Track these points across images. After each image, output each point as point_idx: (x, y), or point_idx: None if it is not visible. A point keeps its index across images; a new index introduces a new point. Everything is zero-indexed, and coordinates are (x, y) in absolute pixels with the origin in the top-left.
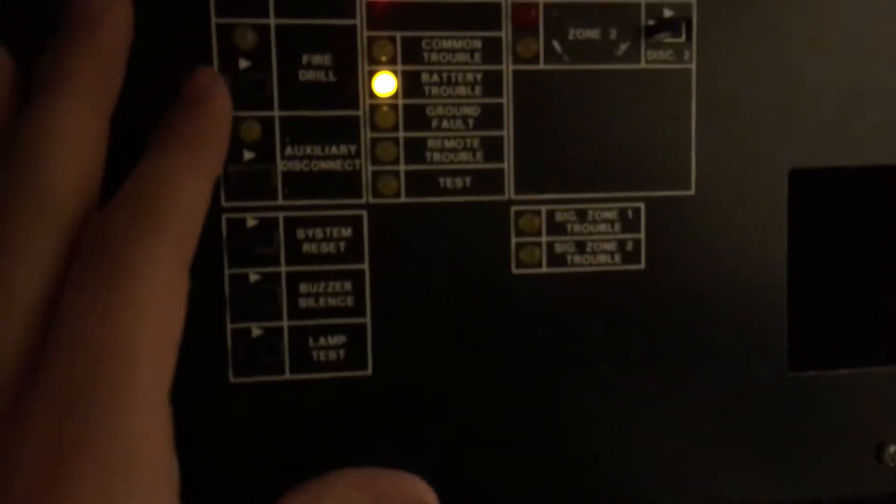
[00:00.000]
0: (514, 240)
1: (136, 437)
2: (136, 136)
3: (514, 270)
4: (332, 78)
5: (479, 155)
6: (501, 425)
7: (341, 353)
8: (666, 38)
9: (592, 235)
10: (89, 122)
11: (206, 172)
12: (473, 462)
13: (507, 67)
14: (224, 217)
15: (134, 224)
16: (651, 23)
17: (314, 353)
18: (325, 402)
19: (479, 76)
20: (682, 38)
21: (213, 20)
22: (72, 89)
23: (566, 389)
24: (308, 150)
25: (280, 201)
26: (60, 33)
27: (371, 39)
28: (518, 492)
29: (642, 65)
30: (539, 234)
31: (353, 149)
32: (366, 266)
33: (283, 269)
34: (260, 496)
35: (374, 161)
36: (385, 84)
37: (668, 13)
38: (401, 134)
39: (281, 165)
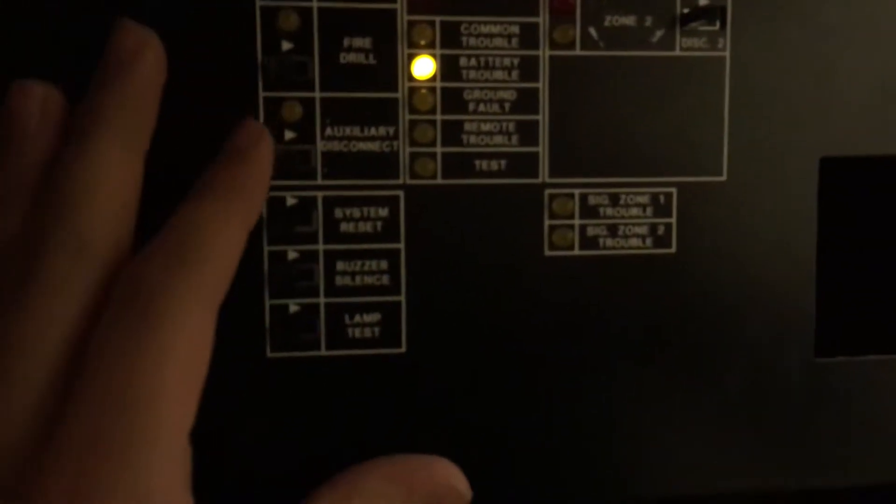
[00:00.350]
0: (547, 222)
1: (155, 479)
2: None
3: (547, 252)
4: (371, 61)
5: (514, 138)
6: (530, 405)
7: (376, 330)
8: (700, 26)
9: (624, 219)
10: (123, 163)
11: (242, 223)
12: (502, 440)
13: (544, 53)
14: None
15: (166, 271)
16: (686, 11)
17: (349, 330)
18: (359, 377)
19: (516, 61)
20: (717, 27)
21: (258, 3)
22: (106, 132)
23: (595, 370)
24: (347, 131)
25: (319, 181)
26: (96, 77)
27: (411, 23)
28: (545, 471)
29: (677, 52)
30: (572, 217)
31: (391, 130)
32: (402, 245)
33: (321, 247)
34: (292, 469)
35: (412, 143)
36: (424, 67)
37: (703, 1)
38: (438, 117)
39: (321, 146)
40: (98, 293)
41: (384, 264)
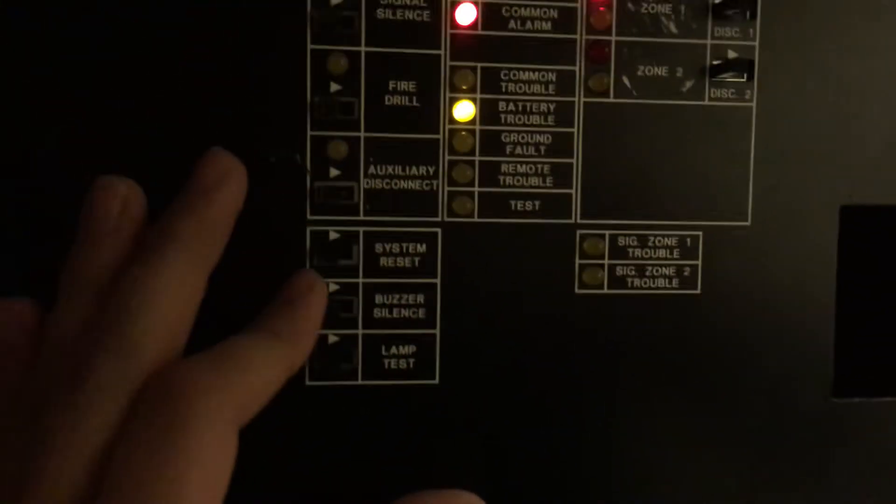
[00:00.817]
0: (578, 262)
1: None
2: None
3: (577, 290)
4: (415, 103)
5: (549, 180)
6: (559, 435)
7: (411, 361)
8: (729, 77)
9: (652, 260)
10: (188, 283)
11: (287, 367)
12: (532, 470)
13: (579, 99)
14: (308, 230)
15: (201, 378)
16: (716, 62)
17: (385, 361)
18: (393, 407)
19: (552, 106)
20: (744, 78)
21: (309, 46)
22: (178, 253)
23: (621, 404)
24: (390, 169)
25: (361, 216)
26: (177, 199)
27: (453, 69)
28: (574, 500)
29: (706, 101)
30: (602, 257)
31: (431, 170)
32: (438, 280)
33: (361, 280)
34: (328, 493)
35: (451, 182)
36: (464, 111)
37: (731, 54)
38: (477, 158)
39: (364, 183)
40: (135, 400)
41: (421, 298)
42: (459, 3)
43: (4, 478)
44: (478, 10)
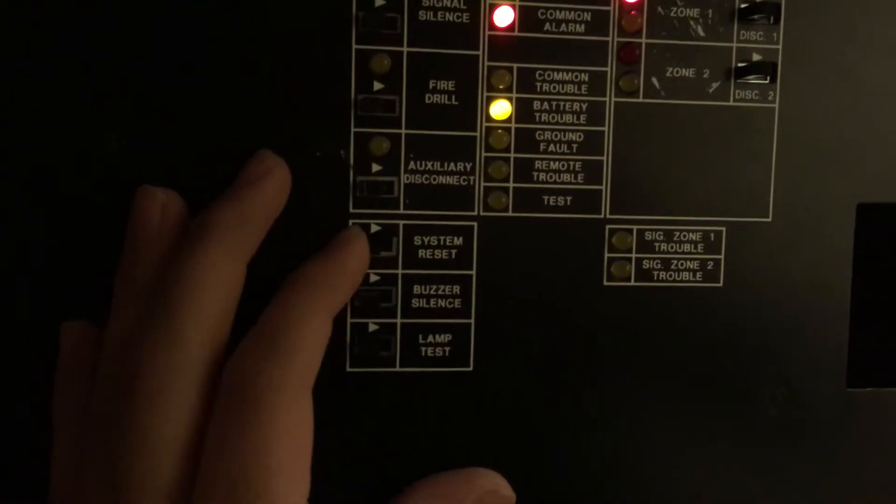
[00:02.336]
0: (606, 255)
1: None
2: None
3: (606, 283)
4: (454, 102)
5: (580, 177)
6: (585, 422)
7: (447, 350)
8: (753, 79)
9: (677, 254)
10: (230, 272)
11: (329, 313)
12: (559, 455)
13: (610, 99)
14: (351, 223)
15: (263, 363)
16: (741, 65)
17: (422, 349)
18: (430, 393)
19: (584, 106)
20: (768, 80)
21: (354, 46)
22: (219, 243)
23: (645, 391)
24: (429, 165)
25: (401, 210)
26: (223, 194)
27: (491, 69)
28: (595, 487)
29: (731, 102)
30: (630, 251)
31: (468, 166)
32: (473, 272)
33: (400, 271)
34: (367, 475)
35: (487, 178)
36: (501, 109)
37: (756, 57)
38: (512, 155)
39: (404, 178)
40: (201, 388)
41: (457, 289)
42: (498, 5)
43: (87, 487)
44: (515, 13)
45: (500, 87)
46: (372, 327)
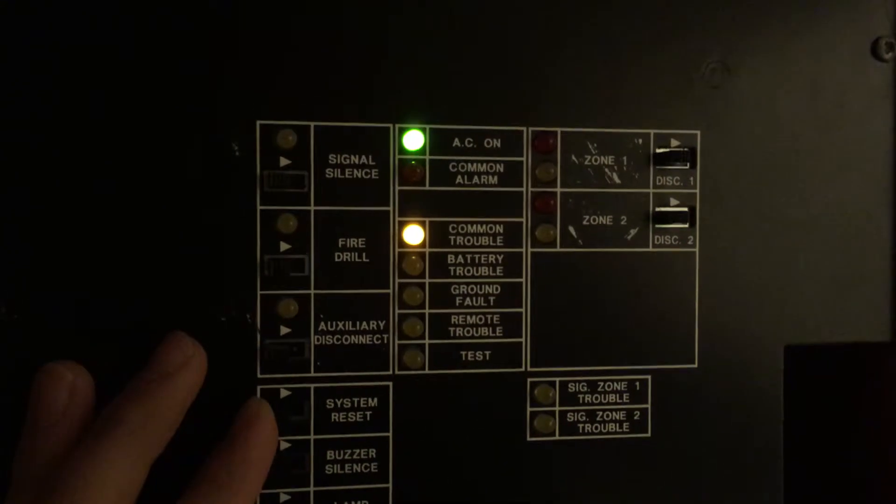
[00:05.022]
0: (529, 409)
1: None
2: None
3: (529, 438)
4: (364, 259)
5: (498, 330)
6: None
7: None
8: (671, 224)
9: (603, 405)
10: (129, 472)
11: None
12: None
13: (527, 250)
14: (259, 388)
15: None
16: (659, 210)
17: None
18: None
19: (500, 258)
20: (687, 225)
21: (258, 207)
22: (123, 438)
23: None
24: (340, 325)
25: (312, 373)
26: (134, 382)
27: (402, 224)
28: None
29: (650, 248)
30: (553, 404)
31: (382, 324)
32: (390, 434)
33: (312, 437)
34: None
35: (401, 336)
36: (413, 265)
37: (673, 202)
38: (427, 311)
39: (314, 339)
40: None
41: (373, 452)
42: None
43: None
44: (426, 169)
45: (413, 243)
46: (283, 497)
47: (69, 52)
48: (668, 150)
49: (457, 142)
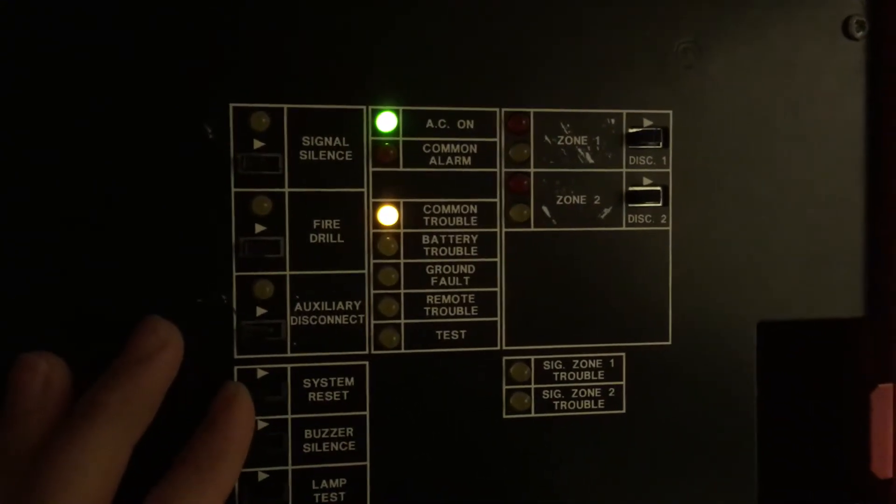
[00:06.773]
0: (504, 387)
1: None
2: None
3: (505, 416)
4: (339, 240)
5: (473, 309)
6: None
7: (342, 494)
8: (645, 203)
9: (578, 383)
10: (112, 455)
11: (221, 494)
12: None
13: (501, 230)
14: (236, 369)
15: None
16: (632, 189)
17: (316, 496)
18: None
19: (475, 238)
20: (660, 204)
21: (233, 189)
22: (105, 422)
23: None
24: (316, 305)
25: (289, 353)
26: (112, 367)
27: (376, 205)
28: None
29: (623, 227)
30: (528, 382)
31: (357, 304)
32: (367, 413)
33: (290, 416)
34: None
35: (377, 316)
36: (388, 246)
37: (646, 181)
38: (402, 291)
39: (290, 320)
40: None
41: (350, 431)
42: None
43: None
44: (400, 150)
45: (387, 224)
46: (262, 476)
47: (30, 37)
48: (640, 129)
49: (430, 123)
